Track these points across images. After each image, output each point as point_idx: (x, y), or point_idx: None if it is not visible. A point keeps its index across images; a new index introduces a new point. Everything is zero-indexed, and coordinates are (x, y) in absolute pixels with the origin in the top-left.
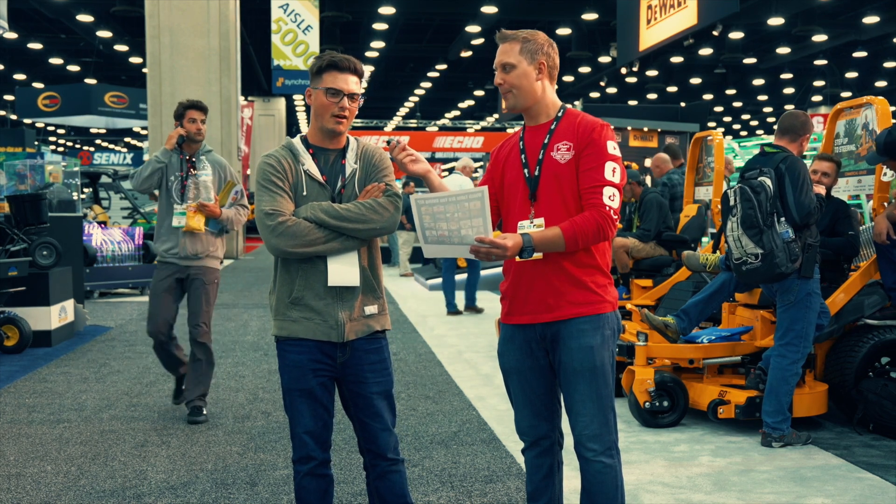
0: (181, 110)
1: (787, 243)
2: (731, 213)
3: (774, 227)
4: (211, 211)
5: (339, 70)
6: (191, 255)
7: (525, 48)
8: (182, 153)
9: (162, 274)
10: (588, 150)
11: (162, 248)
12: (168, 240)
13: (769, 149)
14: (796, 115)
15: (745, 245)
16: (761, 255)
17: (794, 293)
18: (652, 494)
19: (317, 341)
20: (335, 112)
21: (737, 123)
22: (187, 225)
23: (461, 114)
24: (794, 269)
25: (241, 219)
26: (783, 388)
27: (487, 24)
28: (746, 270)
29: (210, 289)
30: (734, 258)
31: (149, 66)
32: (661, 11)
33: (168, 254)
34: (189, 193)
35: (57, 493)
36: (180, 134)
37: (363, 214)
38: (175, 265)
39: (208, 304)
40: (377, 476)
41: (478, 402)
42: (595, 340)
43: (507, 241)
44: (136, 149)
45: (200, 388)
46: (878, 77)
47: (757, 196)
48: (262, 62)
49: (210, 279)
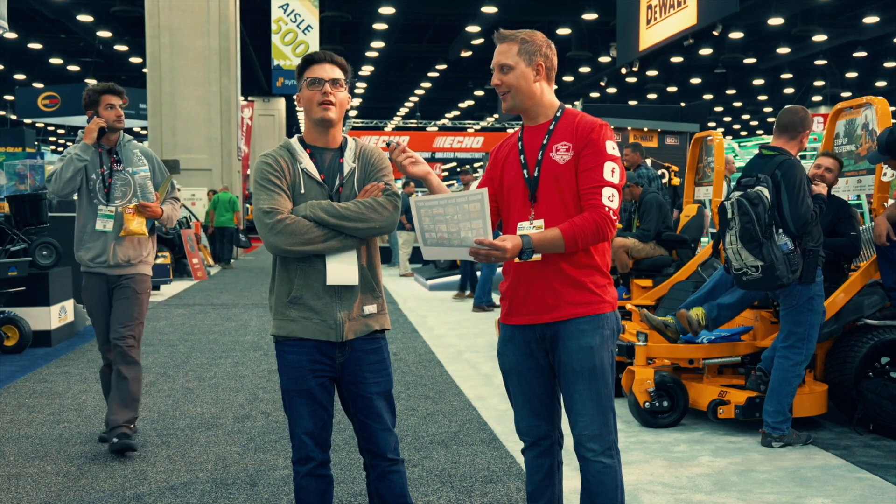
0: (94, 96)
1: (787, 255)
2: (729, 227)
3: (773, 239)
4: (153, 212)
5: (317, 62)
6: (122, 263)
7: (523, 49)
8: (100, 146)
9: (93, 287)
10: (587, 151)
11: (87, 256)
12: (94, 247)
13: (767, 151)
14: (795, 111)
15: (744, 258)
16: (762, 266)
17: (796, 297)
18: (652, 494)
19: (316, 341)
20: (319, 100)
21: (737, 123)
22: (127, 229)
23: (461, 114)
24: (794, 278)
25: (177, 213)
26: (785, 390)
27: (487, 24)
28: (747, 281)
29: (143, 298)
30: (734, 269)
31: (149, 66)
32: (660, 11)
33: (95, 263)
34: (116, 192)
35: (57, 493)
36: (101, 126)
37: (362, 213)
38: (104, 275)
39: (140, 314)
40: (377, 476)
41: (478, 402)
42: (594, 341)
43: (507, 243)
44: None
45: (129, 412)
46: (878, 77)
47: (755, 209)
48: (262, 62)
49: (143, 287)
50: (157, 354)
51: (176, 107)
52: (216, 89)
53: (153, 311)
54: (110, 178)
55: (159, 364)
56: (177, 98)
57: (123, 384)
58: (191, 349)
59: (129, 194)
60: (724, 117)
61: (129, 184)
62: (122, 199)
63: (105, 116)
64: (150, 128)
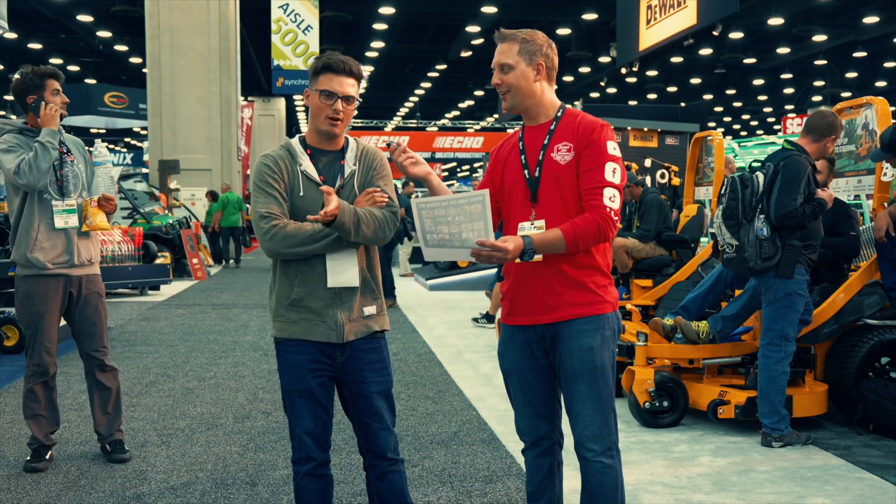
0: (39, 80)
1: (760, 240)
2: (720, 202)
3: (753, 223)
4: (113, 206)
5: (335, 72)
6: (85, 262)
7: (524, 49)
8: None
9: (48, 291)
10: (588, 151)
11: (45, 258)
12: (52, 246)
13: (787, 145)
14: (823, 114)
15: (724, 234)
16: (735, 246)
17: (773, 292)
18: (652, 494)
19: (316, 342)
20: (329, 114)
21: (737, 123)
22: (92, 224)
23: (461, 114)
24: (765, 266)
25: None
26: (773, 389)
27: (487, 24)
28: (726, 258)
29: (104, 301)
30: (720, 244)
31: (149, 66)
32: (660, 11)
33: (55, 264)
34: (70, 185)
35: (57, 493)
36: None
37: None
38: (66, 276)
39: (105, 319)
40: (377, 476)
41: (478, 402)
42: (595, 341)
43: (508, 244)
44: (136, 149)
45: (117, 418)
46: (878, 77)
47: (744, 190)
48: (262, 62)
49: (103, 290)
50: (157, 354)
51: (176, 107)
52: (216, 89)
53: (153, 310)
54: (61, 170)
55: (159, 364)
56: (177, 98)
57: (106, 394)
58: (191, 349)
59: (80, 187)
60: (724, 117)
61: (77, 176)
62: (75, 193)
63: (50, 101)
64: (150, 128)
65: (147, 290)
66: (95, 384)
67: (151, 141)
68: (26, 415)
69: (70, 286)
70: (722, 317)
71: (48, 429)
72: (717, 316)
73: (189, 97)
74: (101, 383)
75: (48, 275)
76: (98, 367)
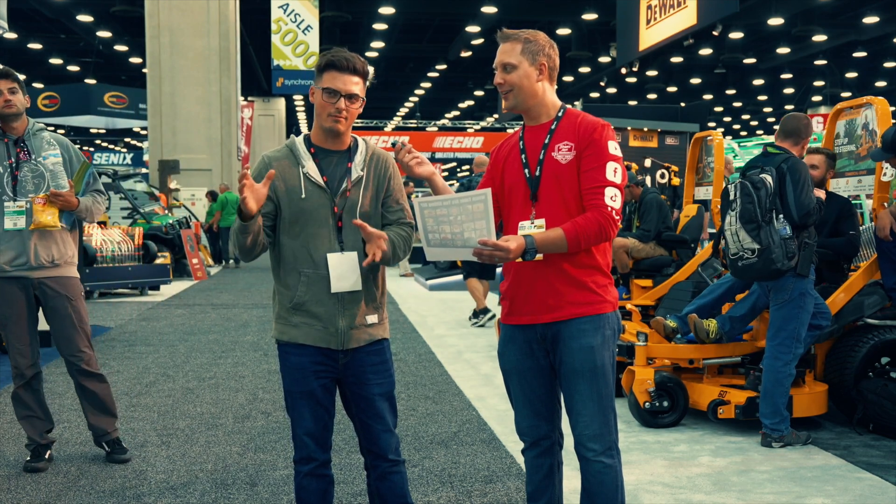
0: None
1: (785, 240)
2: (731, 208)
3: (773, 224)
4: (66, 201)
5: (338, 70)
6: (45, 263)
7: (526, 49)
8: (6, 136)
9: (9, 294)
10: (589, 151)
11: (3, 259)
12: (9, 248)
13: (772, 149)
14: (798, 117)
15: (742, 240)
16: (758, 250)
17: (789, 291)
18: (652, 494)
19: (317, 347)
20: (332, 112)
21: (737, 123)
22: (37, 221)
23: (461, 114)
24: (790, 266)
25: (99, 207)
26: (778, 391)
27: (487, 24)
28: (742, 266)
29: (78, 305)
30: (731, 254)
31: (149, 66)
32: (660, 11)
33: (13, 266)
34: (27, 185)
35: (57, 493)
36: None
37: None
38: (25, 279)
39: (82, 323)
40: (378, 477)
41: (478, 402)
42: (595, 341)
43: (510, 243)
44: (135, 149)
45: (108, 418)
46: (878, 77)
47: (757, 192)
48: (262, 62)
49: (75, 293)
50: (157, 354)
51: (176, 107)
52: (216, 89)
53: (153, 310)
54: (17, 170)
55: (159, 364)
56: (177, 98)
57: (92, 397)
58: (191, 349)
59: (44, 186)
60: (724, 117)
61: (41, 175)
62: (35, 193)
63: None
64: (150, 128)
65: (147, 290)
66: (80, 388)
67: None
68: (18, 416)
69: (32, 288)
70: (730, 317)
71: (42, 428)
72: (724, 316)
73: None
74: (85, 387)
75: (7, 277)
76: (78, 371)
